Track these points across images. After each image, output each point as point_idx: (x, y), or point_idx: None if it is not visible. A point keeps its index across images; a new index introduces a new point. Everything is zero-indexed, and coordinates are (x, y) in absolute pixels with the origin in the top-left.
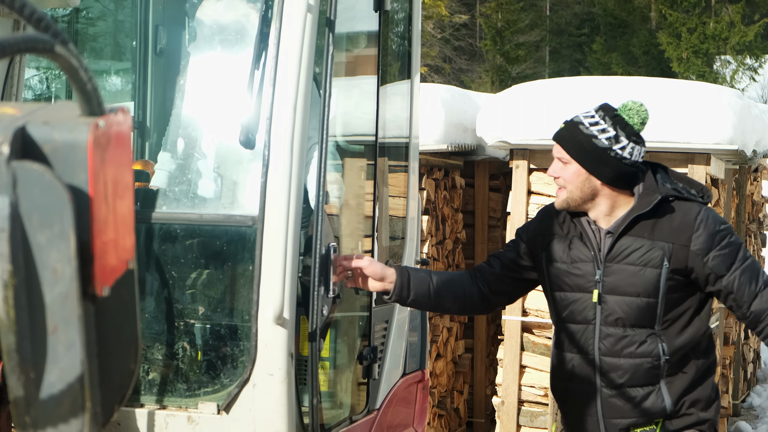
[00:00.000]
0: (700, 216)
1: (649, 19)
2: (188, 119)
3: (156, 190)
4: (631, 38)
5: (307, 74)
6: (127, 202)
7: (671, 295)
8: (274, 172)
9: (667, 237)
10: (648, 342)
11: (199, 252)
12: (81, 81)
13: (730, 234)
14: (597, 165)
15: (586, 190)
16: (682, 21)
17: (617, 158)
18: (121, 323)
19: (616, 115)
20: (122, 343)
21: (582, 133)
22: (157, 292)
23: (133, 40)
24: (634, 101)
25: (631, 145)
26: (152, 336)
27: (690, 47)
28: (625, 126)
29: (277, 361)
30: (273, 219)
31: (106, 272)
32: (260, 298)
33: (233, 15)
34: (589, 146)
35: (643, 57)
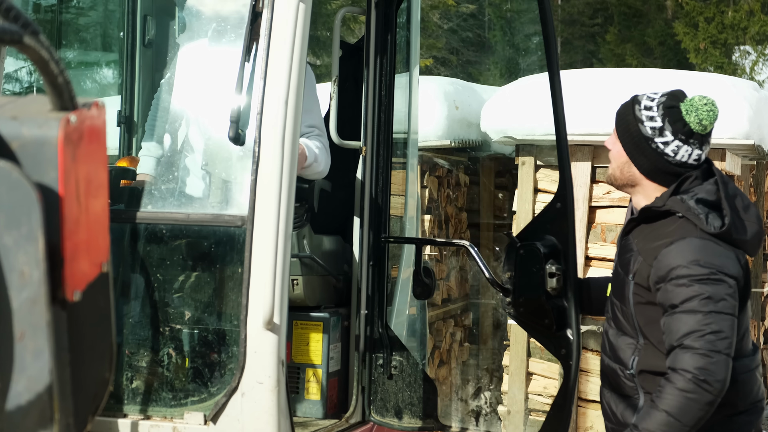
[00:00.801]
0: (674, 244)
1: (665, 8)
2: (176, 114)
3: (141, 188)
4: (646, 28)
5: (299, 67)
6: (101, 202)
7: (643, 309)
8: (265, 169)
9: (643, 249)
10: (624, 350)
11: (185, 253)
12: (51, 74)
13: (692, 276)
14: (636, 152)
15: (626, 173)
16: (699, 10)
17: (658, 152)
18: (95, 329)
19: (673, 106)
20: (96, 351)
21: (633, 114)
22: (141, 295)
23: (120, 31)
24: (702, 97)
25: (677, 143)
26: (136, 342)
27: (708, 37)
28: (676, 121)
29: (267, 368)
30: (263, 219)
31: (77, 276)
32: (249, 302)
33: (224, 5)
34: (634, 130)
35: (659, 48)
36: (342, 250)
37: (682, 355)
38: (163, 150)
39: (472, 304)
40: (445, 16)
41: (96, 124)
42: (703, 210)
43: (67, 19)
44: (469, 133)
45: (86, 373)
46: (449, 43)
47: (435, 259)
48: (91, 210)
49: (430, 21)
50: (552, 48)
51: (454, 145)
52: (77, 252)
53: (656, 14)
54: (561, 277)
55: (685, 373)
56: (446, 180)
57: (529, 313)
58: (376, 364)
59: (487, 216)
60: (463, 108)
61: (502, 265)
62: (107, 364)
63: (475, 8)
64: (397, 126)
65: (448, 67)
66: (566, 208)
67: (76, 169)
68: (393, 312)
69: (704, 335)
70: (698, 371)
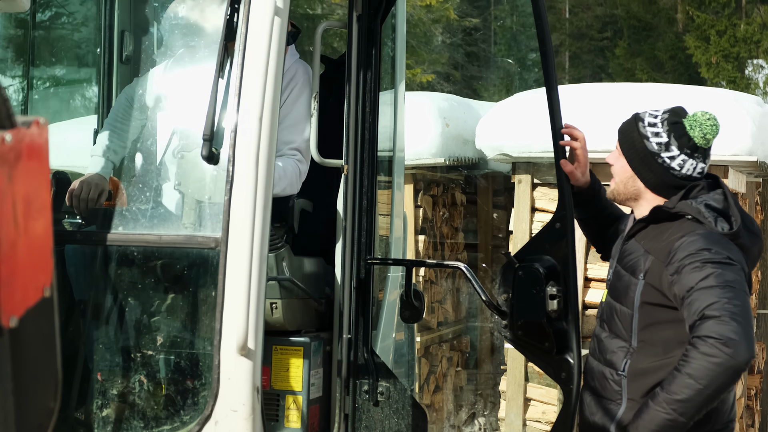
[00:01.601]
0: (685, 236)
1: (675, 21)
2: (150, 132)
3: (112, 209)
4: (657, 42)
5: (274, 82)
6: (43, 223)
7: (647, 310)
8: (239, 189)
9: (654, 248)
10: (616, 353)
11: (158, 276)
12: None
13: (703, 259)
14: (642, 167)
15: (630, 188)
16: (710, 23)
17: (664, 166)
18: (39, 357)
19: (677, 122)
20: (40, 380)
21: (637, 131)
22: (113, 320)
23: (97, 47)
24: (705, 113)
25: (683, 157)
26: (107, 368)
27: (719, 51)
28: (681, 136)
29: (242, 395)
30: (237, 240)
31: (14, 301)
32: (223, 326)
33: (204, 20)
34: (639, 146)
35: (670, 62)
36: (324, 273)
37: (703, 324)
38: (120, 155)
39: (468, 327)
40: (448, 30)
41: (37, 143)
42: (711, 215)
43: (41, 35)
44: (464, 151)
45: (30, 402)
46: (453, 58)
47: (430, 281)
48: (30, 232)
49: (432, 35)
50: (549, 61)
51: (448, 163)
52: (13, 276)
53: (666, 27)
54: (561, 299)
55: (707, 339)
56: (441, 199)
57: (528, 336)
58: (361, 390)
59: (485, 236)
60: (459, 124)
61: (498, 287)
62: (52, 394)
63: (478, 22)
64: (383, 144)
65: (451, 83)
66: (566, 229)
67: (13, 189)
68: (379, 336)
69: (723, 305)
70: (721, 336)
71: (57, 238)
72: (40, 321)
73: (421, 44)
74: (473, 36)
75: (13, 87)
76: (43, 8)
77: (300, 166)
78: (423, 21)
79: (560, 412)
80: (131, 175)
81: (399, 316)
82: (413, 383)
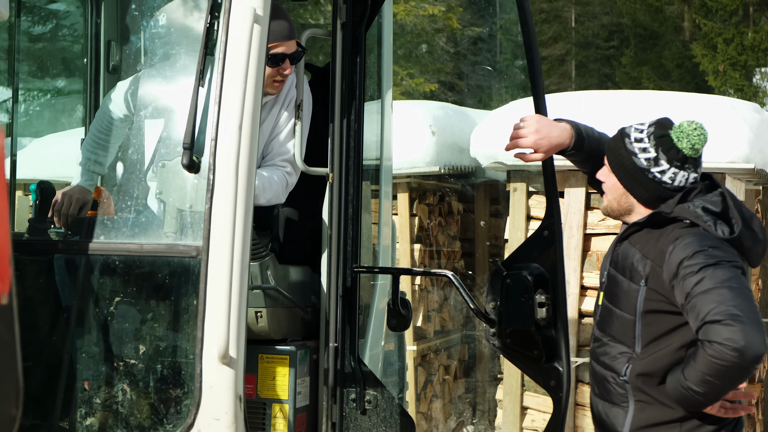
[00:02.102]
0: (679, 239)
1: (682, 29)
2: (132, 141)
3: (94, 219)
4: (663, 50)
5: (255, 90)
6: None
7: (651, 319)
8: (219, 197)
9: (650, 252)
10: (618, 358)
11: (139, 285)
12: None
13: (697, 264)
14: (633, 184)
15: (623, 204)
16: (717, 31)
17: (655, 181)
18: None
19: (664, 135)
20: (1, 387)
21: (624, 148)
22: (95, 329)
23: (84, 57)
24: (691, 122)
25: (673, 170)
26: (90, 378)
27: (727, 59)
28: (669, 149)
29: (224, 404)
30: (218, 249)
31: None
32: (204, 335)
33: (189, 29)
34: (628, 163)
35: (677, 70)
36: (310, 281)
37: (708, 330)
38: (104, 166)
39: (465, 335)
40: (452, 39)
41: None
42: (710, 218)
43: (27, 46)
44: (460, 159)
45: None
46: (456, 67)
47: (426, 290)
48: None
49: (435, 45)
50: (536, 68)
51: (444, 172)
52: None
53: (673, 36)
54: (550, 306)
55: (713, 344)
56: (437, 208)
57: (517, 344)
58: (348, 398)
59: (481, 244)
60: (454, 133)
61: (486, 295)
62: (14, 401)
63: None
64: (370, 152)
65: (455, 92)
66: (554, 236)
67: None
68: (367, 345)
69: (723, 307)
70: (725, 341)
71: (40, 247)
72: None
73: (424, 54)
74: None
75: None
76: (29, 19)
77: (288, 178)
78: (426, 31)
79: (550, 420)
80: (113, 185)
81: (387, 325)
82: (403, 391)
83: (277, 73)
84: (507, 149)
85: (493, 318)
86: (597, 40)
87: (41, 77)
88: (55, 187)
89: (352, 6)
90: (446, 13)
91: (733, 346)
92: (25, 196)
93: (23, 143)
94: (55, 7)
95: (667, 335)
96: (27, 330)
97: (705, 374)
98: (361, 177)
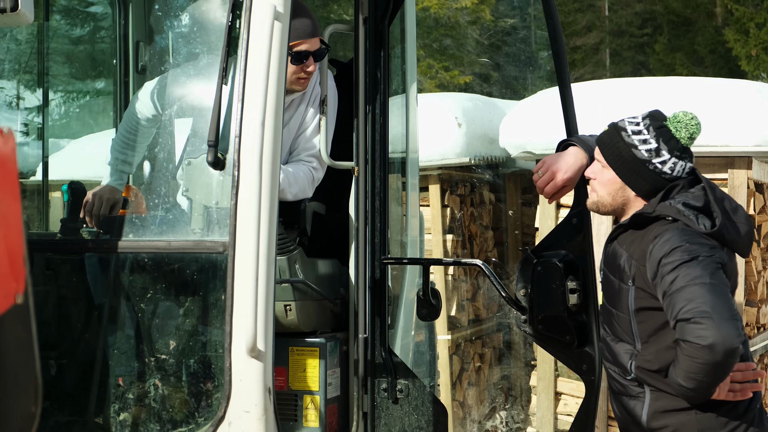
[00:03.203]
0: (658, 237)
1: (714, 15)
2: (160, 141)
3: (123, 217)
4: (696, 37)
5: (277, 87)
6: (12, 233)
7: (644, 316)
8: (245, 193)
9: (635, 252)
10: (622, 355)
11: (168, 281)
12: None
13: (674, 262)
14: (633, 176)
15: (618, 198)
16: (749, 16)
17: (656, 172)
18: (17, 362)
19: (662, 126)
20: (21, 385)
21: (622, 141)
22: (126, 325)
23: (113, 58)
24: (686, 113)
25: (674, 160)
26: (122, 373)
27: (759, 44)
28: (669, 139)
29: (253, 396)
30: (245, 244)
31: None
32: (233, 329)
33: (214, 28)
34: (627, 156)
35: (710, 56)
36: (339, 274)
37: (681, 328)
38: (133, 166)
39: (499, 323)
40: (486, 32)
41: (1, 153)
42: (692, 213)
43: (56, 47)
44: (490, 150)
45: (11, 407)
46: (491, 58)
47: (460, 279)
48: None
49: (469, 37)
50: (562, 59)
51: (474, 163)
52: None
53: (705, 22)
54: (581, 292)
55: (685, 343)
56: (469, 198)
57: (549, 329)
58: (379, 388)
59: (513, 233)
60: (483, 124)
61: (516, 283)
62: (32, 397)
63: (515, 22)
64: (395, 145)
65: (490, 84)
66: (582, 224)
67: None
68: (397, 335)
69: (693, 306)
70: (696, 339)
71: (72, 246)
72: (14, 327)
73: (458, 46)
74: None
75: (29, 100)
76: (58, 21)
77: (314, 173)
78: (459, 23)
79: (582, 403)
80: (141, 183)
81: (417, 315)
82: (435, 380)
83: (301, 71)
84: (550, 202)
85: (525, 305)
86: (630, 28)
87: (71, 79)
88: (85, 187)
89: (375, 1)
90: (479, 5)
91: (702, 344)
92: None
93: (59, 144)
94: (84, 9)
95: (662, 330)
96: (61, 327)
97: (687, 372)
98: (387, 170)
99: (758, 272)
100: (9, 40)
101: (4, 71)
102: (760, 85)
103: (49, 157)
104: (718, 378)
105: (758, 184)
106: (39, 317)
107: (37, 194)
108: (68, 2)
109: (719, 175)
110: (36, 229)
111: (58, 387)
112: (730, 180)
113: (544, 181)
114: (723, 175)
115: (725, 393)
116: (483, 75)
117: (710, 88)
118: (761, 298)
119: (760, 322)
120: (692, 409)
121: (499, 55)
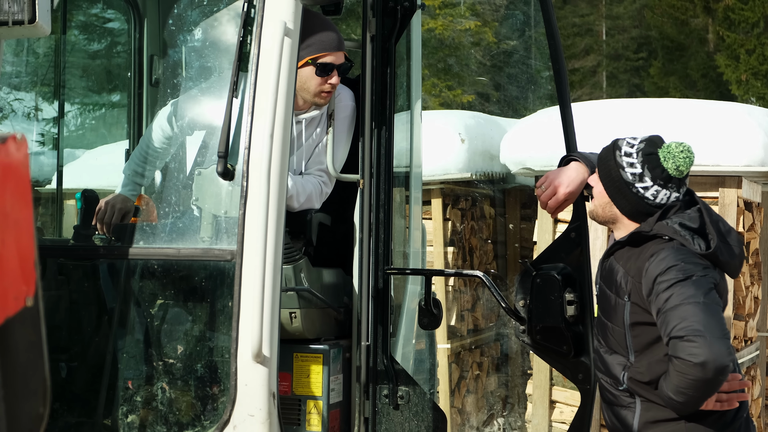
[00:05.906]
0: (654, 256)
1: (706, 41)
2: (174, 153)
3: (134, 225)
4: (689, 61)
5: (286, 100)
6: (24, 238)
7: (639, 331)
8: (252, 203)
9: (631, 269)
10: (615, 367)
11: (177, 288)
12: None
13: (669, 280)
14: (618, 196)
15: (607, 212)
16: (740, 42)
17: (639, 196)
18: (26, 364)
19: (651, 153)
20: (29, 386)
21: (614, 159)
22: (134, 330)
23: (127, 71)
24: (679, 144)
25: (656, 188)
26: (130, 376)
27: (749, 69)
28: (655, 167)
29: (258, 401)
30: (252, 253)
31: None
32: (239, 335)
33: (227, 42)
34: (615, 175)
35: (702, 80)
36: (343, 283)
37: (674, 345)
38: (148, 179)
39: (496, 333)
40: (487, 52)
41: (14, 159)
42: (688, 233)
43: (72, 60)
44: (491, 166)
45: (20, 408)
46: (493, 79)
47: (459, 291)
48: (8, 246)
49: (472, 58)
50: (562, 78)
51: (475, 178)
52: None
53: (698, 48)
54: (578, 304)
55: (677, 360)
56: (470, 212)
57: (546, 340)
58: (381, 394)
59: (512, 247)
60: (485, 141)
61: (515, 294)
62: (41, 399)
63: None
64: (400, 160)
65: (492, 103)
66: (580, 238)
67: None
68: (398, 343)
69: (686, 324)
70: (688, 356)
71: (84, 253)
72: (24, 329)
73: (462, 66)
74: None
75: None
76: (75, 35)
77: (323, 187)
78: (463, 44)
79: (578, 411)
80: (152, 192)
81: (418, 324)
82: (435, 387)
83: (325, 82)
84: (552, 216)
85: (523, 316)
86: (627, 52)
87: (87, 91)
88: (98, 195)
89: (382, 19)
90: (482, 27)
91: (694, 361)
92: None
93: (74, 154)
94: (100, 23)
95: (655, 344)
96: (72, 330)
97: (678, 387)
98: (391, 183)
99: (746, 287)
100: (27, 53)
101: (22, 83)
102: (750, 108)
103: (63, 166)
104: (708, 394)
105: (747, 203)
106: (51, 320)
107: (51, 202)
108: (85, 17)
109: (710, 194)
110: (50, 235)
111: (68, 389)
112: (720, 198)
113: (547, 196)
114: (714, 194)
115: (713, 403)
116: (485, 94)
117: (702, 110)
118: (749, 312)
119: (748, 335)
120: (681, 420)
121: (501, 76)
